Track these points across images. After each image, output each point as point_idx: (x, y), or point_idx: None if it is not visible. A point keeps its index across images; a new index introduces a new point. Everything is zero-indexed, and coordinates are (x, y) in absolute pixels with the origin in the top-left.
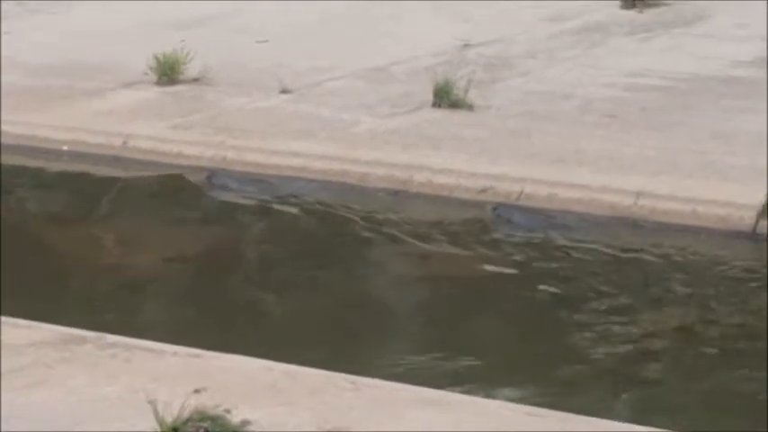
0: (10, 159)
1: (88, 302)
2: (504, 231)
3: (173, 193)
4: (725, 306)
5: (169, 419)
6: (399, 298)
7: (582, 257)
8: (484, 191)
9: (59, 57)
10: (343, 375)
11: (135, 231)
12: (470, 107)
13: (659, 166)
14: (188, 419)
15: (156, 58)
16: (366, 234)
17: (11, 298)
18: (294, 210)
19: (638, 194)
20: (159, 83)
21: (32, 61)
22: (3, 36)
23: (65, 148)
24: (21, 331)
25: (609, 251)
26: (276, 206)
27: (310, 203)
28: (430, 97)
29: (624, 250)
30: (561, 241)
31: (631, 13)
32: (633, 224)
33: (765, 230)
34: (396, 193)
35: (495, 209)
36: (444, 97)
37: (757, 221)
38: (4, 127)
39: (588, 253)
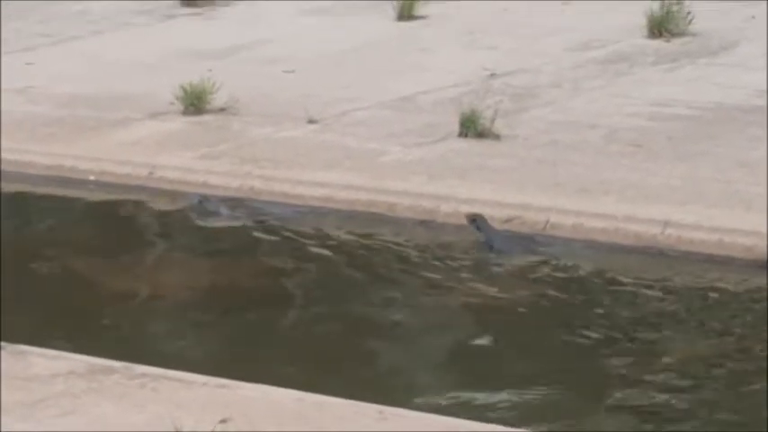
0: (39, 190)
1: (114, 331)
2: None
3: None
4: (753, 336)
5: None
6: (441, 329)
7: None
8: (510, 220)
9: (86, 87)
10: (370, 405)
11: (163, 262)
12: (497, 137)
13: (685, 195)
14: None
15: (183, 89)
16: (396, 264)
17: (37, 327)
18: (316, 241)
19: (664, 224)
20: (186, 113)
21: (60, 92)
22: (28, 66)
23: (91, 178)
24: (49, 361)
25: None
26: (301, 238)
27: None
28: (456, 127)
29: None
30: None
31: (657, 43)
32: (659, 253)
33: None
34: (422, 223)
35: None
36: (470, 127)
37: None
38: (34, 158)
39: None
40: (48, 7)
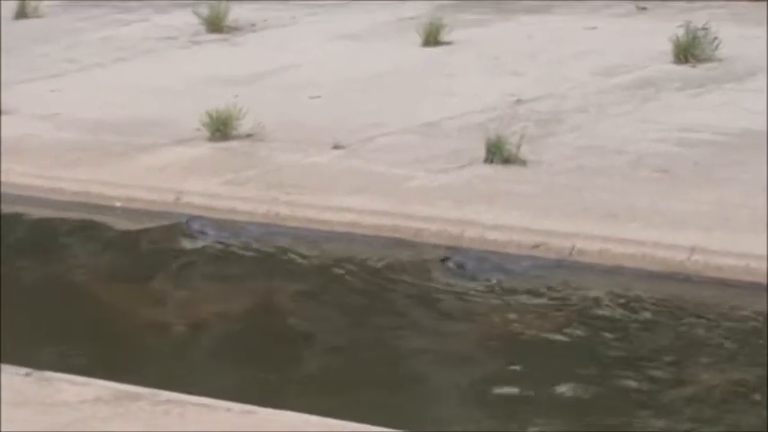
0: (68, 215)
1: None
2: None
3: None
4: None
5: None
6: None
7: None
8: (536, 246)
9: (113, 113)
10: None
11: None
12: (522, 162)
13: (712, 221)
14: None
15: (209, 115)
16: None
17: (64, 353)
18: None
19: (691, 250)
20: (212, 139)
21: (87, 118)
22: (53, 93)
23: (118, 204)
24: (76, 388)
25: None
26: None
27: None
28: (482, 153)
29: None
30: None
31: (683, 68)
32: (686, 279)
33: None
34: (448, 249)
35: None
36: (496, 153)
37: None
38: (61, 184)
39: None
40: (74, 34)
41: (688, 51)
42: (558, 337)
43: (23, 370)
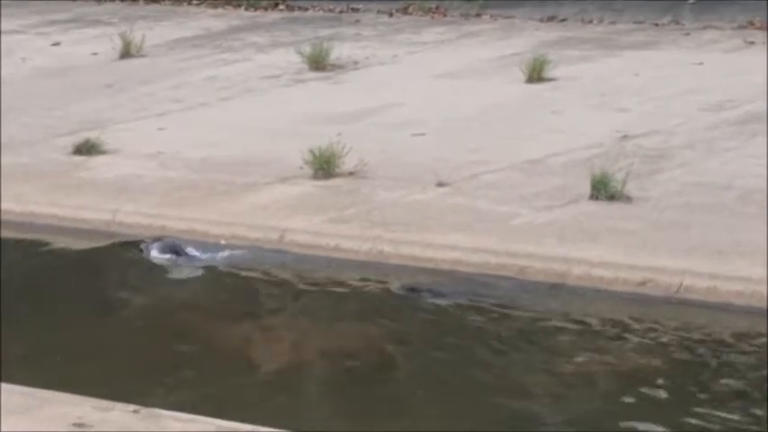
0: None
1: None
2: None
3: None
4: None
5: None
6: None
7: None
8: (643, 284)
9: (217, 152)
10: None
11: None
12: (628, 199)
13: None
14: None
15: (312, 153)
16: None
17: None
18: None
19: None
20: (315, 177)
21: (191, 156)
22: (160, 132)
23: (223, 242)
24: (182, 424)
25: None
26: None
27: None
28: (587, 190)
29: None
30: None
31: None
32: None
33: None
34: (553, 286)
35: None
36: (602, 189)
37: None
38: (166, 222)
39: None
40: (178, 74)
41: None
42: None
43: (132, 407)
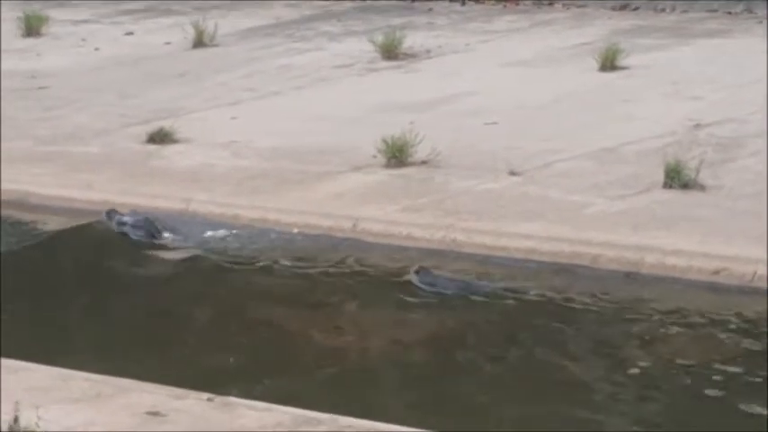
0: (246, 243)
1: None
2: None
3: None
4: None
5: None
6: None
7: None
8: (717, 272)
9: (289, 141)
10: None
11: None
12: (702, 187)
13: None
14: None
15: (385, 141)
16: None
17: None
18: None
19: None
20: (388, 165)
21: (264, 145)
22: (233, 121)
23: (295, 231)
24: (258, 413)
25: None
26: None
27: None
28: (660, 178)
29: None
30: None
31: None
32: None
33: None
34: (627, 275)
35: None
36: (675, 178)
37: None
38: (239, 211)
39: None
40: (251, 63)
41: None
42: None
43: (206, 395)
